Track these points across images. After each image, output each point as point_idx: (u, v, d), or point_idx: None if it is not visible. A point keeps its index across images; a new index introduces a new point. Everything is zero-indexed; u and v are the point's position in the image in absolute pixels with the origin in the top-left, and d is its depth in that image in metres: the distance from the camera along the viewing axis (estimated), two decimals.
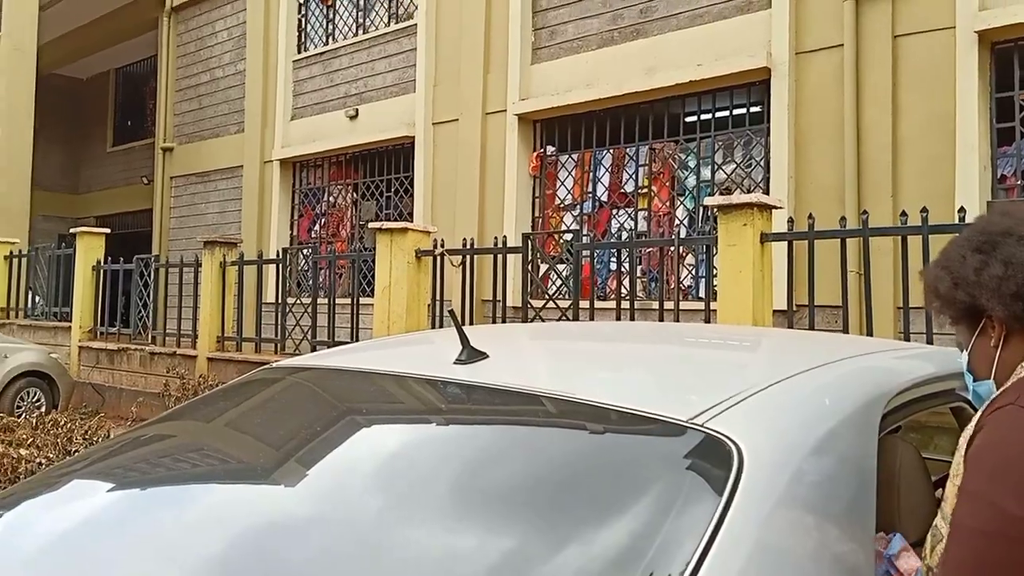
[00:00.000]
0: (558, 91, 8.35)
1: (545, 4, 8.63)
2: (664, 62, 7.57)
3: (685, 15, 7.54)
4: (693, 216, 7.51)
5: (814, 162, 6.57)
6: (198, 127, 12.74)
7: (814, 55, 6.64)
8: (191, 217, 12.62)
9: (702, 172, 7.46)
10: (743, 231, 4.70)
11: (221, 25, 12.50)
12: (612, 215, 8.11)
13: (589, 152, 8.31)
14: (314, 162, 11.13)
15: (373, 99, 10.26)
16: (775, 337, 2.43)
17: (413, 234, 6.63)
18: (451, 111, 9.29)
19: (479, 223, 8.83)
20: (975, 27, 5.75)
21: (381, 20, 10.45)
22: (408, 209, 9.80)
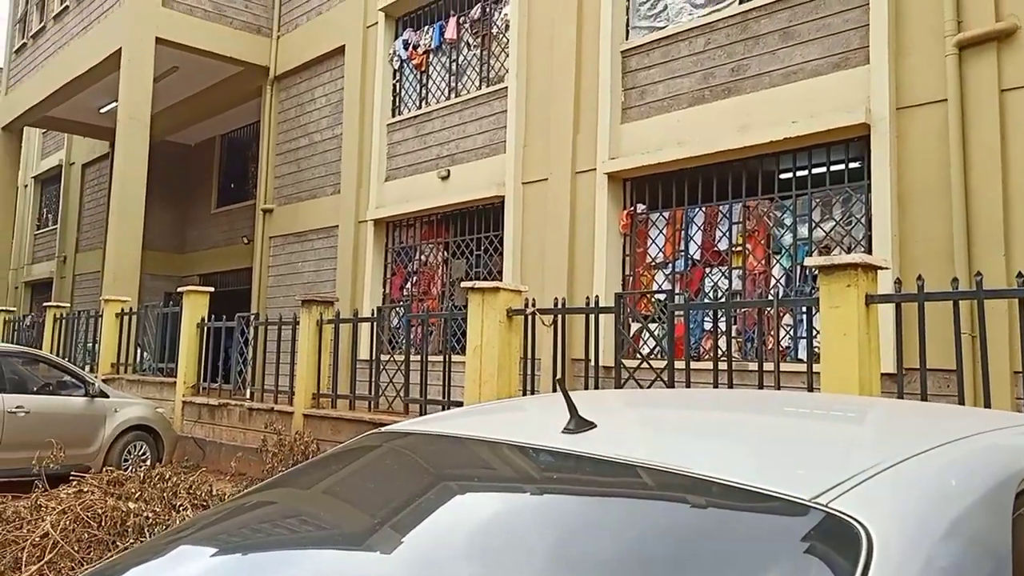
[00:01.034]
0: (648, 149, 8.36)
1: (635, 65, 8.71)
2: (757, 119, 7.50)
3: (778, 73, 7.48)
4: (790, 275, 7.33)
5: (919, 219, 6.34)
6: (296, 189, 13.28)
7: (916, 110, 6.47)
8: (288, 275, 13.09)
9: (799, 230, 7.29)
10: (847, 292, 4.54)
11: (320, 92, 13.09)
12: (705, 273, 7.99)
13: (680, 210, 8.25)
14: (406, 222, 11.41)
15: (464, 160, 10.49)
16: (890, 409, 2.32)
17: (505, 293, 6.67)
18: (541, 171, 9.41)
19: (568, 281, 8.83)
20: None
21: (473, 84, 10.74)
22: (498, 267, 9.90)
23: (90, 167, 20.02)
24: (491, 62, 10.57)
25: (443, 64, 11.20)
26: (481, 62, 10.70)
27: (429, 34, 11.33)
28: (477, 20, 10.71)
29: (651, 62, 8.58)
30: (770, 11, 7.57)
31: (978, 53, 6.17)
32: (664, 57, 8.45)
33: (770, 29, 7.55)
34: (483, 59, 10.68)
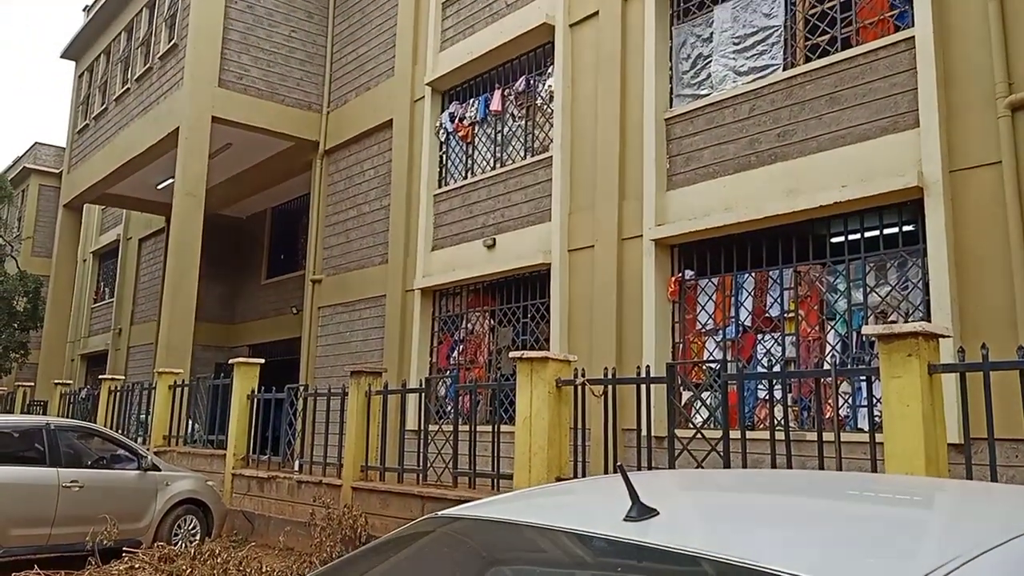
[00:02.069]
0: (695, 215, 8.33)
1: (679, 132, 8.76)
2: (806, 184, 7.44)
3: (826, 137, 7.45)
4: (846, 341, 7.15)
5: (979, 283, 6.17)
6: (344, 259, 13.50)
7: (971, 172, 6.36)
8: (336, 345, 13.21)
9: (853, 295, 7.14)
10: (908, 362, 4.40)
11: (368, 164, 13.40)
12: (757, 340, 7.85)
13: (730, 276, 8.16)
14: (453, 290, 11.48)
15: (510, 228, 10.57)
16: (964, 492, 2.21)
17: (553, 363, 6.60)
18: (587, 238, 9.42)
19: (617, 348, 8.74)
20: None
21: (518, 154, 10.90)
22: (544, 335, 9.86)
23: (146, 241, 20.67)
24: (535, 132, 10.73)
25: (488, 135, 11.41)
26: (526, 132, 10.87)
27: (475, 106, 11.58)
28: (522, 92, 10.93)
29: (695, 129, 8.62)
30: (815, 77, 7.59)
31: None
32: (709, 124, 8.49)
33: (816, 95, 7.55)
34: (528, 129, 10.85)
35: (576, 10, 10.05)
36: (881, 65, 7.12)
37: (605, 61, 9.51)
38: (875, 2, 7.47)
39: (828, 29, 7.67)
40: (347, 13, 14.43)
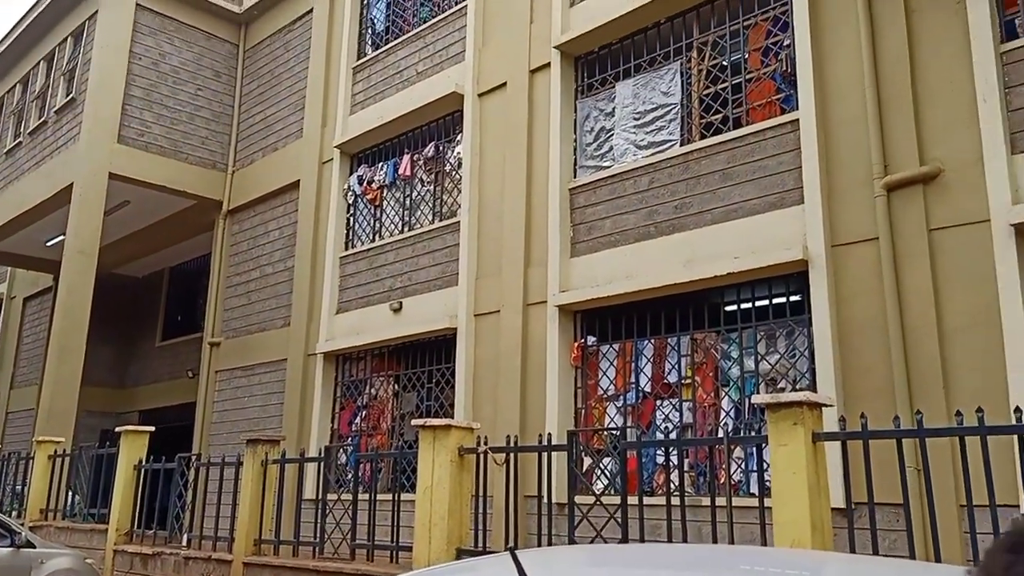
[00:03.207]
0: (598, 283, 8.51)
1: (583, 202, 8.99)
2: (702, 254, 7.73)
3: (719, 210, 7.78)
4: (739, 407, 7.37)
5: (860, 353, 6.49)
6: (245, 322, 13.15)
7: (851, 248, 6.75)
8: (233, 411, 12.74)
9: (746, 362, 7.40)
10: (794, 430, 4.57)
11: (273, 225, 13.20)
12: (656, 406, 8.00)
13: (630, 342, 8.34)
14: (357, 355, 11.31)
15: (417, 292, 10.55)
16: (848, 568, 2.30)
17: (456, 431, 6.55)
18: (493, 303, 9.49)
19: (521, 413, 8.76)
20: (1011, 220, 5.84)
21: (426, 218, 10.95)
22: (449, 400, 9.80)
23: (31, 300, 19.59)
24: (444, 197, 10.83)
25: (397, 199, 11.44)
26: (434, 197, 10.95)
27: (384, 170, 11.62)
28: (431, 158, 11.05)
29: (598, 199, 8.87)
30: (709, 154, 7.96)
31: (906, 194, 6.51)
32: (611, 195, 8.75)
33: (710, 170, 7.91)
34: (436, 194, 10.94)
35: (485, 81, 10.31)
36: (769, 144, 7.54)
37: (512, 131, 9.74)
38: (763, 85, 7.94)
39: (721, 109, 8.10)
40: (256, 74, 14.37)
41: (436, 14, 11.43)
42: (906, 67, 6.65)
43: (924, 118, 6.52)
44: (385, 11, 12.31)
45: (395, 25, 12.15)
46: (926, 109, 6.52)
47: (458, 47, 10.79)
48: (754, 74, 7.95)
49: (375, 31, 12.40)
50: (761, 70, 7.91)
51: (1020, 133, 6.08)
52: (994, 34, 6.27)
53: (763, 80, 7.90)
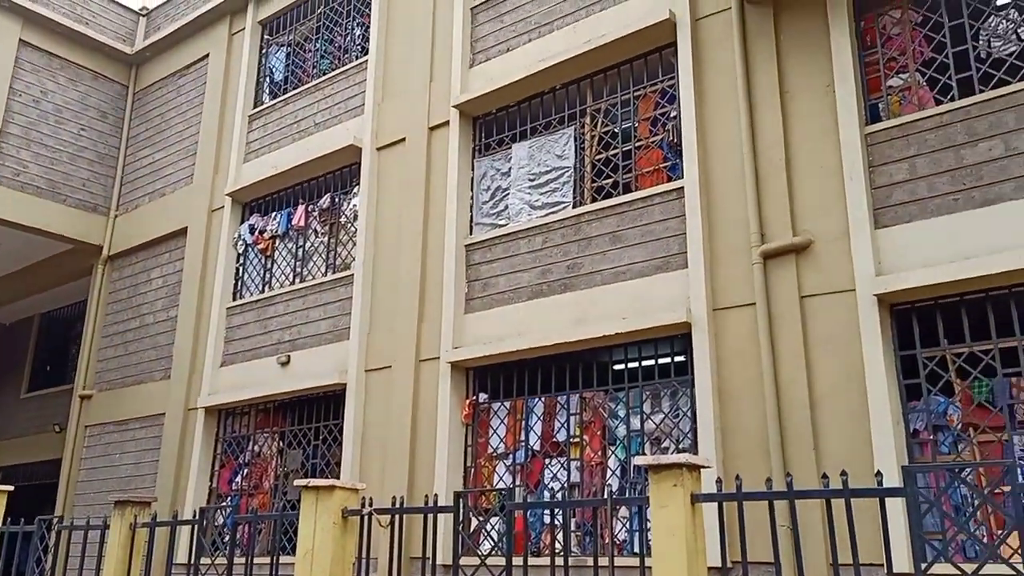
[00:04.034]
0: (491, 340, 8.54)
1: (478, 259, 9.06)
2: (591, 314, 7.88)
3: (609, 272, 7.98)
4: (625, 466, 7.48)
5: (739, 414, 6.72)
6: (121, 373, 12.48)
7: (730, 312, 7.03)
8: (103, 469, 11.99)
9: (632, 422, 7.54)
10: (674, 492, 4.65)
11: (157, 273, 12.69)
12: (545, 465, 8.02)
13: (521, 400, 8.37)
14: (241, 410, 10.90)
15: (306, 346, 10.30)
16: None
17: (340, 492, 6.35)
18: (384, 358, 9.37)
19: (410, 471, 8.61)
20: (874, 291, 6.23)
21: (319, 270, 10.77)
22: (336, 458, 9.53)
23: None
24: (338, 250, 10.69)
25: (289, 250, 11.22)
26: (328, 249, 10.80)
27: (277, 220, 11.40)
28: (326, 209, 10.92)
29: (493, 256, 8.96)
30: (600, 216, 8.19)
31: (780, 263, 6.86)
32: (505, 252, 8.86)
33: (601, 232, 8.13)
34: (330, 247, 10.80)
35: (384, 135, 10.33)
36: (656, 210, 7.82)
37: (410, 185, 9.77)
38: (651, 153, 8.28)
39: (612, 174, 8.37)
40: (146, 116, 13.94)
41: (336, 67, 11.44)
42: (781, 144, 7.07)
43: (797, 192, 6.93)
44: (284, 61, 12.23)
45: (294, 75, 12.08)
46: (799, 183, 6.94)
47: (358, 100, 10.81)
48: (643, 142, 8.28)
49: (273, 80, 12.29)
50: (650, 139, 8.25)
51: (883, 209, 6.53)
52: (859, 117, 6.76)
53: (651, 148, 8.24)
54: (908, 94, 6.79)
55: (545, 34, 9.10)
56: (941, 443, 6.10)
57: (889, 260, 6.34)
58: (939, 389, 6.13)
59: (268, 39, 12.62)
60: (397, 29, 10.64)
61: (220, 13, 13.04)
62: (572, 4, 8.95)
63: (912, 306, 6.28)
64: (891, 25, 6.99)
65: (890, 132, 6.62)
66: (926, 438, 6.08)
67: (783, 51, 7.30)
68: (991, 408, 5.95)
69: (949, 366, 6.07)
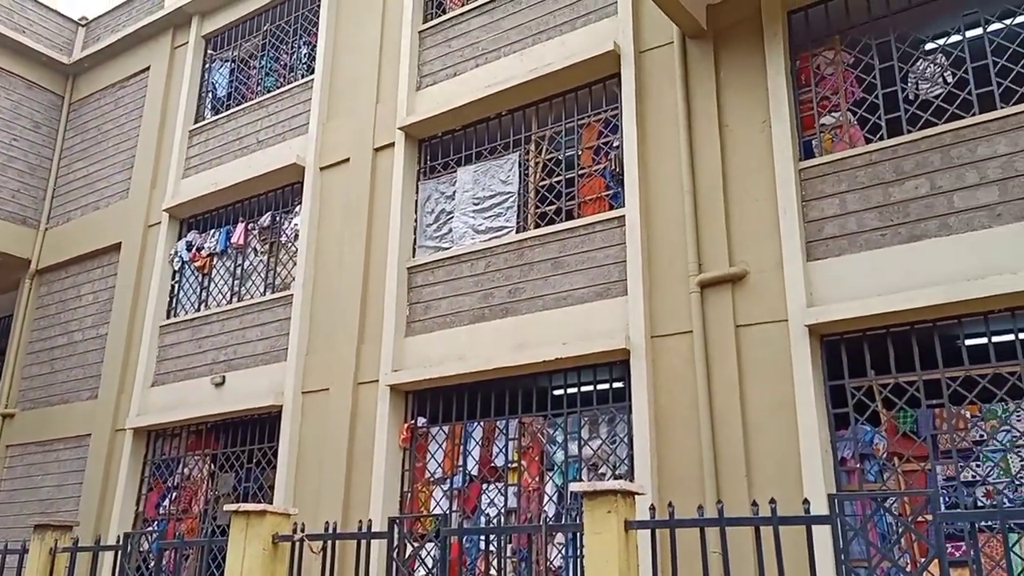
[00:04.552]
0: (431, 363, 8.49)
1: (420, 281, 9.02)
2: (532, 339, 7.91)
3: (550, 297, 8.02)
4: (562, 492, 7.48)
5: (675, 441, 6.80)
6: (46, 392, 12.04)
7: (668, 339, 7.13)
8: (23, 491, 11.50)
9: (570, 447, 7.56)
10: (608, 518, 4.68)
11: (88, 289, 12.31)
12: (482, 490, 7.97)
13: (460, 425, 8.32)
14: (172, 431, 10.60)
15: (242, 366, 10.10)
16: None
17: (272, 517, 6.23)
18: (322, 380, 9.23)
19: (345, 496, 8.48)
20: (805, 321, 6.39)
21: (257, 289, 10.58)
22: (270, 482, 9.33)
23: None
24: (278, 269, 10.54)
25: (227, 268, 11.01)
26: (268, 268, 10.64)
27: (215, 237, 11.20)
28: (266, 228, 10.77)
29: (436, 279, 8.93)
30: (543, 242, 8.24)
31: (717, 292, 7.00)
32: (448, 276, 8.84)
33: (543, 258, 8.18)
34: (270, 266, 10.63)
35: (328, 154, 10.26)
36: (598, 237, 7.91)
37: (353, 206, 9.70)
38: (594, 182, 8.39)
39: (555, 200, 8.45)
40: (82, 128, 13.59)
41: (281, 84, 11.34)
42: (719, 176, 7.24)
43: (734, 223, 7.09)
44: (228, 77, 12.08)
45: (238, 91, 11.93)
46: (736, 215, 7.10)
47: (302, 119, 10.72)
48: (586, 170, 8.39)
49: (216, 96, 12.12)
50: (592, 167, 8.36)
51: (814, 242, 6.72)
52: (794, 152, 6.97)
53: (594, 176, 8.35)
54: (840, 132, 7.03)
55: (492, 60, 9.19)
56: (868, 471, 6.26)
57: (820, 292, 6.52)
58: (866, 419, 6.32)
59: (212, 54, 12.45)
60: (344, 49, 10.62)
61: (163, 26, 12.84)
62: (519, 32, 9.06)
63: (841, 337, 6.47)
64: (825, 65, 7.24)
65: (822, 168, 6.84)
66: (853, 466, 6.23)
67: (723, 86, 7.49)
68: (915, 438, 6.15)
69: (876, 396, 6.25)
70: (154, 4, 13.22)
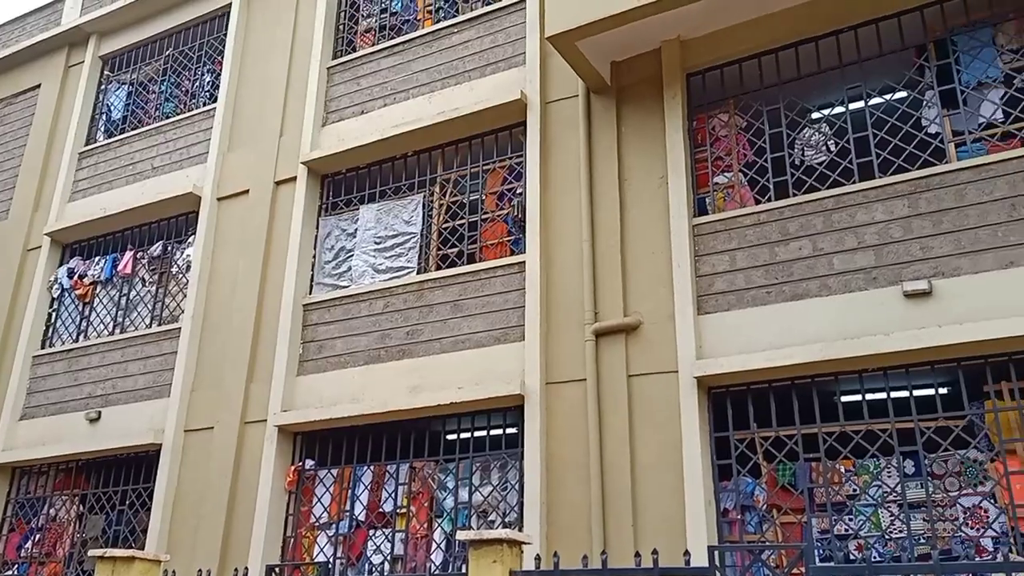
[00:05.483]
0: (323, 404, 8.28)
1: (316, 319, 8.82)
2: (428, 382, 7.81)
3: (448, 340, 7.97)
4: (451, 540, 7.35)
5: (565, 489, 6.80)
6: None
7: (563, 386, 7.16)
8: None
9: (460, 494, 7.45)
10: (493, 568, 4.61)
11: None
12: (369, 536, 7.75)
13: (349, 468, 8.10)
14: (39, 468, 9.93)
15: (121, 401, 9.60)
16: None
17: (141, 563, 5.88)
18: (207, 419, 8.86)
19: (224, 541, 8.10)
20: (694, 373, 6.54)
21: (143, 321, 10.13)
22: (143, 525, 8.83)
23: None
24: (166, 301, 10.12)
25: (112, 297, 10.51)
26: (155, 300, 10.21)
27: (100, 265, 10.70)
28: (156, 257, 10.37)
29: (332, 318, 8.75)
30: (443, 284, 8.20)
31: (611, 341, 7.09)
32: (345, 315, 8.68)
33: (443, 300, 8.13)
34: (158, 297, 10.21)
35: (226, 185, 10.00)
36: (498, 282, 7.94)
37: (250, 239, 9.45)
38: (497, 227, 8.44)
39: (457, 243, 8.45)
40: None
41: (181, 111, 11.03)
42: (617, 227, 7.39)
43: (630, 274, 7.23)
44: (125, 100, 11.68)
45: (134, 115, 11.54)
46: (632, 266, 7.25)
47: (201, 148, 10.43)
48: (489, 215, 8.44)
49: (111, 118, 11.67)
50: (496, 212, 8.42)
51: (705, 296, 6.92)
52: (688, 208, 7.19)
53: (497, 222, 8.41)
54: (732, 191, 7.31)
55: (401, 101, 9.19)
56: (748, 522, 6.41)
57: (709, 345, 6.71)
58: (748, 470, 6.48)
59: (109, 75, 12.03)
60: (250, 80, 10.43)
61: (57, 43, 12.35)
62: (429, 75, 9.11)
63: (727, 390, 6.64)
64: (720, 127, 7.55)
65: (714, 225, 7.08)
66: (735, 517, 6.37)
67: (624, 141, 7.70)
68: (793, 490, 6.34)
69: (758, 449, 6.43)
70: (50, 21, 12.73)
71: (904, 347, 5.93)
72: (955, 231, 6.13)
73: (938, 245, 6.15)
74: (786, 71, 7.31)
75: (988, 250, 5.97)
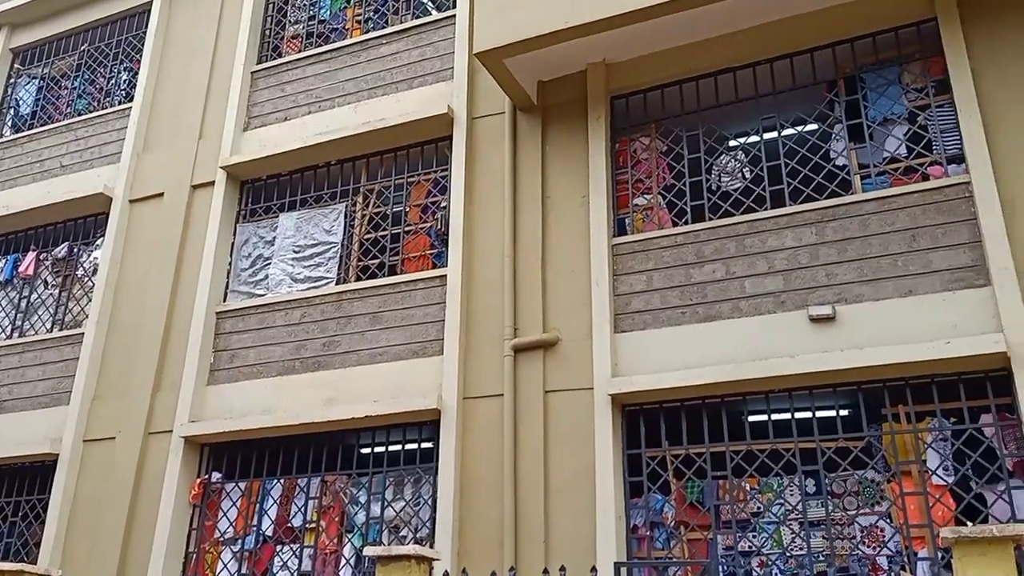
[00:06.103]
0: (233, 415, 8.06)
1: (229, 328, 8.59)
2: (344, 395, 7.69)
3: (365, 352, 7.86)
4: (361, 555, 7.22)
5: (478, 504, 6.77)
6: None
7: (479, 401, 7.14)
8: None
9: (372, 508, 7.34)
10: None
11: None
12: (276, 551, 7.55)
13: (259, 481, 7.88)
14: None
15: (15, 409, 9.14)
16: None
17: None
18: (109, 428, 8.52)
19: (122, 555, 7.80)
20: (609, 390, 6.62)
21: (44, 325, 9.68)
22: (36, 538, 8.40)
23: None
24: (70, 305, 9.71)
25: (11, 300, 10.03)
26: (58, 303, 9.78)
27: (0, 265, 10.17)
28: (61, 259, 9.94)
29: (246, 327, 8.54)
30: (363, 296, 8.10)
31: (529, 357, 7.12)
32: (260, 324, 8.48)
33: (362, 311, 8.03)
34: (61, 300, 9.78)
35: (140, 187, 9.67)
36: (419, 295, 7.89)
37: (162, 243, 9.15)
38: (419, 239, 8.40)
39: (379, 255, 8.36)
40: None
41: (95, 109, 10.65)
42: (539, 244, 7.45)
43: (550, 291, 7.29)
44: (35, 94, 11.20)
45: (44, 111, 11.07)
46: (552, 283, 7.30)
47: (115, 147, 10.08)
48: (412, 227, 8.39)
49: (19, 113, 11.18)
50: (419, 225, 8.38)
51: (622, 315, 7.03)
52: (608, 228, 7.30)
53: (420, 234, 8.37)
54: (651, 213, 7.47)
55: (326, 109, 9.08)
56: (657, 539, 6.50)
57: (625, 363, 6.80)
58: (658, 487, 6.58)
59: (19, 68, 11.53)
60: (169, 80, 10.15)
61: None
62: (356, 84, 9.03)
63: (640, 408, 6.75)
64: (641, 150, 7.72)
65: (633, 245, 7.21)
66: (644, 534, 6.45)
67: (548, 160, 7.78)
68: (700, 507, 6.47)
69: (668, 466, 6.54)
70: None
71: (808, 369, 6.14)
72: (859, 259, 6.39)
73: (842, 272, 6.41)
74: (706, 99, 7.52)
75: (889, 278, 6.25)
